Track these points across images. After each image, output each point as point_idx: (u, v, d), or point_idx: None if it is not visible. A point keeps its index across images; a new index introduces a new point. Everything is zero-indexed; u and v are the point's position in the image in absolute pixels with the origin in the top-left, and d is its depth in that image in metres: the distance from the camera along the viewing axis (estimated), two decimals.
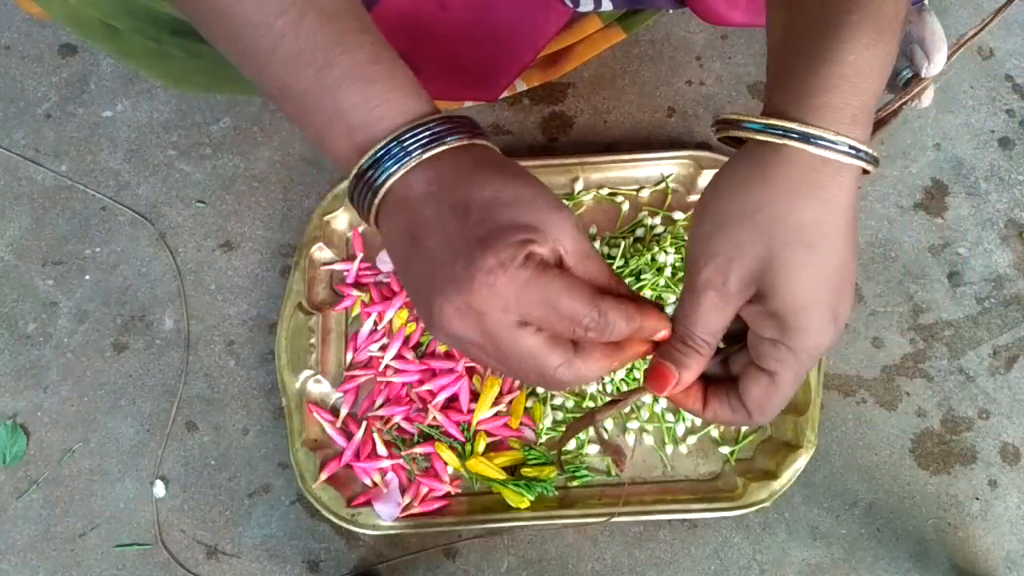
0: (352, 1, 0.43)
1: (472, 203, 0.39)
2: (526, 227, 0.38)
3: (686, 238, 0.44)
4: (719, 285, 0.40)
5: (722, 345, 0.44)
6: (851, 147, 0.39)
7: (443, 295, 0.39)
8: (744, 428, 0.74)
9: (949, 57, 0.44)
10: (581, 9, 0.72)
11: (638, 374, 0.72)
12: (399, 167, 0.40)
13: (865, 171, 0.41)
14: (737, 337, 0.44)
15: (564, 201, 0.79)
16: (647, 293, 0.73)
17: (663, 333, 0.42)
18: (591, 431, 0.73)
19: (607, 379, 0.73)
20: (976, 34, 0.44)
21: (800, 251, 0.39)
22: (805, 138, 0.39)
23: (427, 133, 0.40)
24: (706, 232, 0.41)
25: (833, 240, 0.40)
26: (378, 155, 0.40)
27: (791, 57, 0.42)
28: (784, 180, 0.40)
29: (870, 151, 0.40)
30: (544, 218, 0.39)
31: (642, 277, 0.74)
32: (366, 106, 0.40)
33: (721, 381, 0.44)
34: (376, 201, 0.41)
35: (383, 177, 0.40)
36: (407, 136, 0.40)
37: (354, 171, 0.41)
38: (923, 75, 0.78)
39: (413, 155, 0.40)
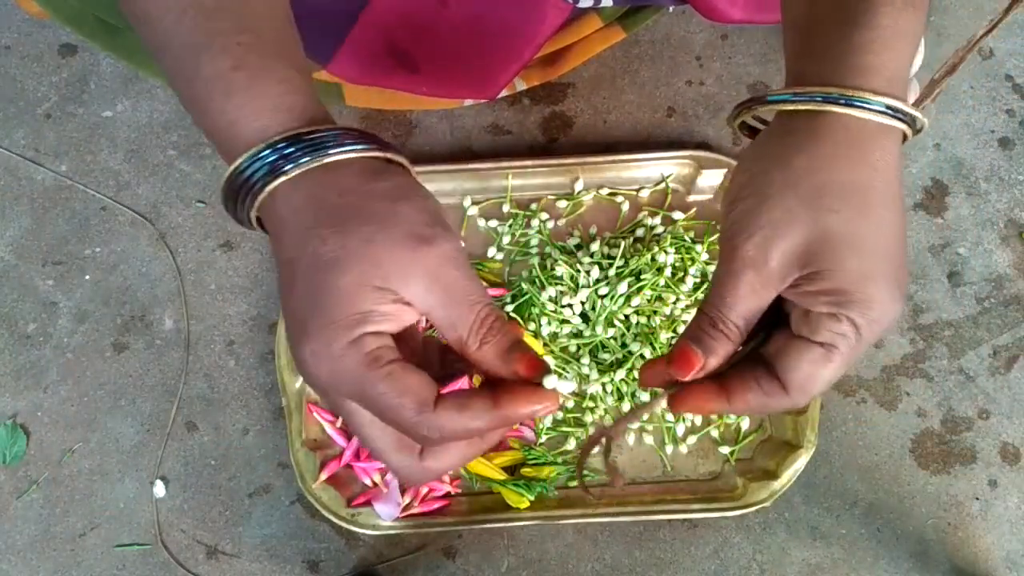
0: None
1: (297, 266, 0.35)
2: (351, 298, 0.34)
3: (721, 211, 0.40)
4: (760, 264, 0.37)
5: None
6: (891, 107, 0.37)
7: (304, 351, 0.35)
8: (744, 427, 0.74)
9: (960, 61, 0.43)
10: (581, 5, 0.72)
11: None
12: (248, 203, 0.37)
13: (905, 137, 0.39)
14: (756, 332, 0.40)
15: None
16: (647, 293, 0.73)
17: (541, 410, 0.36)
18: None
19: (609, 386, 0.73)
20: (985, 35, 0.43)
21: (854, 219, 0.36)
22: (845, 101, 0.37)
23: (261, 165, 0.36)
24: (745, 207, 0.38)
25: (886, 206, 0.37)
26: (239, 174, 0.36)
27: (820, 26, 0.40)
28: (828, 146, 0.37)
29: (912, 111, 0.37)
30: (381, 269, 0.34)
31: (642, 277, 0.74)
32: (223, 121, 0.37)
33: (738, 371, 0.40)
34: (253, 212, 0.37)
35: (254, 189, 0.36)
36: (251, 164, 0.36)
37: (223, 182, 0.38)
38: None
39: (253, 192, 0.36)
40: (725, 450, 0.73)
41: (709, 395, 0.39)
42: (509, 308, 0.75)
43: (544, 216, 0.79)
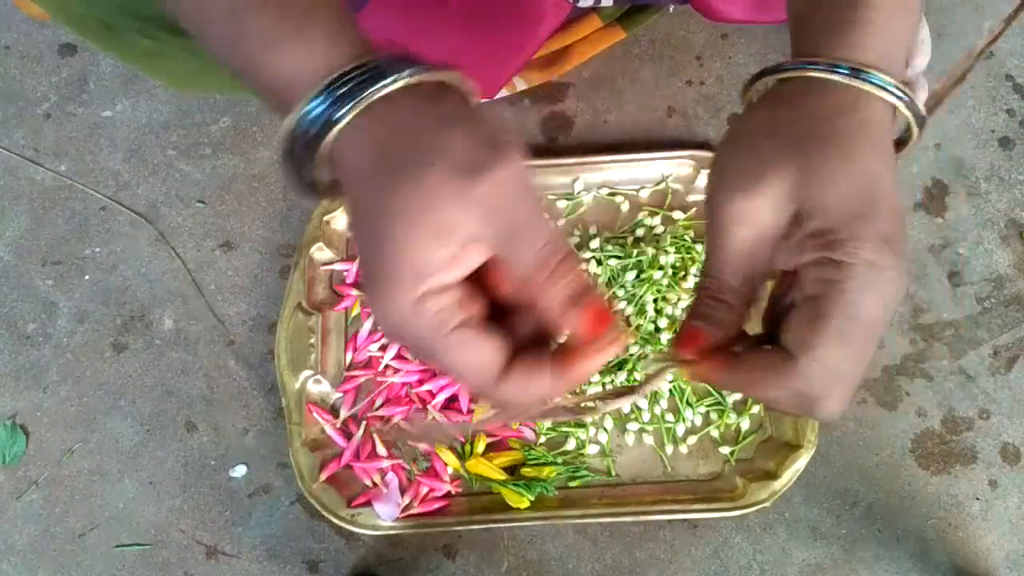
0: None
1: (359, 215, 0.33)
2: (406, 250, 0.32)
3: (707, 176, 0.39)
4: (747, 213, 0.35)
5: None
6: (874, 76, 0.36)
7: (374, 310, 0.34)
8: (745, 428, 0.74)
9: (968, 69, 0.43)
10: (581, 4, 0.72)
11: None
12: (310, 156, 0.34)
13: (910, 135, 0.38)
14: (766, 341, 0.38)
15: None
16: (649, 296, 0.73)
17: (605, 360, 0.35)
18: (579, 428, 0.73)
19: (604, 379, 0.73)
20: (991, 43, 0.43)
21: (838, 160, 0.35)
22: (824, 67, 0.37)
23: (318, 113, 0.33)
24: (729, 160, 0.37)
25: (872, 157, 0.36)
26: (295, 134, 0.34)
27: (815, 9, 0.40)
28: (812, 105, 0.37)
29: (890, 81, 0.36)
30: (433, 211, 0.32)
31: (642, 276, 0.74)
32: (277, 74, 0.35)
33: (752, 351, 0.38)
34: (317, 155, 0.35)
35: (308, 161, 0.34)
36: (306, 115, 0.34)
37: (283, 134, 0.35)
38: None
39: (314, 143, 0.34)
40: (725, 450, 0.73)
41: (716, 369, 0.37)
42: None
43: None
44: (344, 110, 0.33)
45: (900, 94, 0.37)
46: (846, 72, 0.37)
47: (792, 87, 0.38)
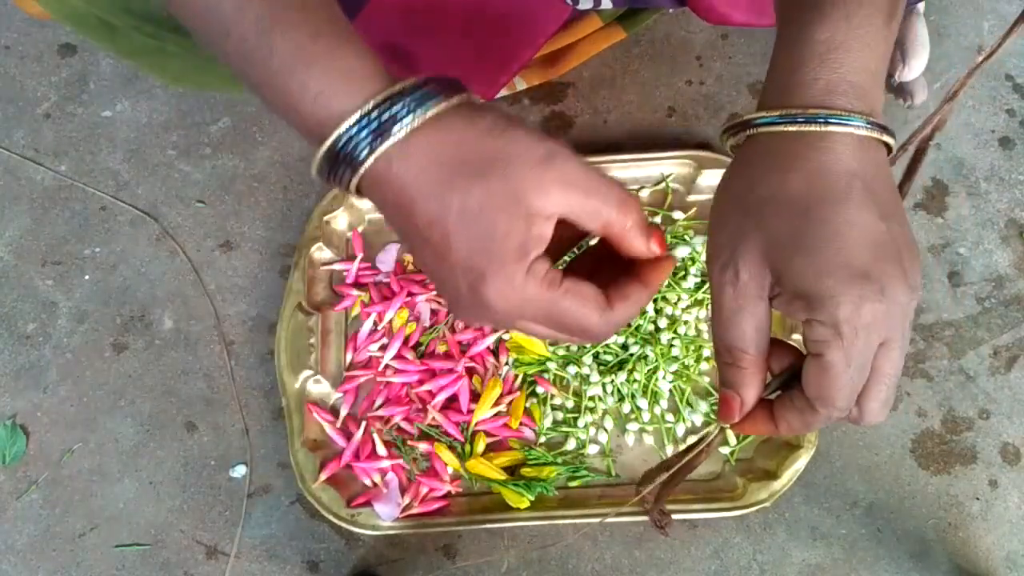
0: None
1: (448, 223, 0.37)
2: (512, 235, 0.37)
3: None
4: (732, 280, 0.39)
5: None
6: (811, 115, 0.38)
7: (459, 306, 0.39)
8: None
9: (961, 87, 0.43)
10: (581, 7, 0.72)
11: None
12: (368, 155, 0.37)
13: (889, 149, 0.40)
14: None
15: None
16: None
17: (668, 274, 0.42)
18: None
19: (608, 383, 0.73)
20: (991, 54, 0.43)
21: (795, 219, 0.37)
22: (759, 122, 0.39)
23: (366, 133, 0.37)
24: (710, 238, 0.41)
25: (834, 204, 0.37)
26: (339, 145, 0.37)
27: (776, 46, 0.42)
28: (756, 165, 0.40)
29: (825, 113, 0.38)
30: (524, 199, 0.37)
31: None
32: (308, 95, 0.38)
33: (783, 395, 0.42)
34: (355, 180, 0.38)
35: (359, 158, 0.37)
36: (354, 132, 0.37)
37: (320, 154, 0.38)
38: (897, 79, 0.78)
39: (359, 160, 0.37)
40: (725, 450, 0.73)
41: (758, 421, 0.41)
42: None
43: None
44: (396, 127, 0.37)
45: (861, 122, 0.38)
46: (802, 121, 0.38)
47: (753, 145, 0.40)
